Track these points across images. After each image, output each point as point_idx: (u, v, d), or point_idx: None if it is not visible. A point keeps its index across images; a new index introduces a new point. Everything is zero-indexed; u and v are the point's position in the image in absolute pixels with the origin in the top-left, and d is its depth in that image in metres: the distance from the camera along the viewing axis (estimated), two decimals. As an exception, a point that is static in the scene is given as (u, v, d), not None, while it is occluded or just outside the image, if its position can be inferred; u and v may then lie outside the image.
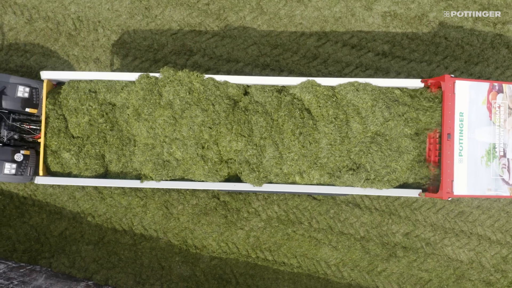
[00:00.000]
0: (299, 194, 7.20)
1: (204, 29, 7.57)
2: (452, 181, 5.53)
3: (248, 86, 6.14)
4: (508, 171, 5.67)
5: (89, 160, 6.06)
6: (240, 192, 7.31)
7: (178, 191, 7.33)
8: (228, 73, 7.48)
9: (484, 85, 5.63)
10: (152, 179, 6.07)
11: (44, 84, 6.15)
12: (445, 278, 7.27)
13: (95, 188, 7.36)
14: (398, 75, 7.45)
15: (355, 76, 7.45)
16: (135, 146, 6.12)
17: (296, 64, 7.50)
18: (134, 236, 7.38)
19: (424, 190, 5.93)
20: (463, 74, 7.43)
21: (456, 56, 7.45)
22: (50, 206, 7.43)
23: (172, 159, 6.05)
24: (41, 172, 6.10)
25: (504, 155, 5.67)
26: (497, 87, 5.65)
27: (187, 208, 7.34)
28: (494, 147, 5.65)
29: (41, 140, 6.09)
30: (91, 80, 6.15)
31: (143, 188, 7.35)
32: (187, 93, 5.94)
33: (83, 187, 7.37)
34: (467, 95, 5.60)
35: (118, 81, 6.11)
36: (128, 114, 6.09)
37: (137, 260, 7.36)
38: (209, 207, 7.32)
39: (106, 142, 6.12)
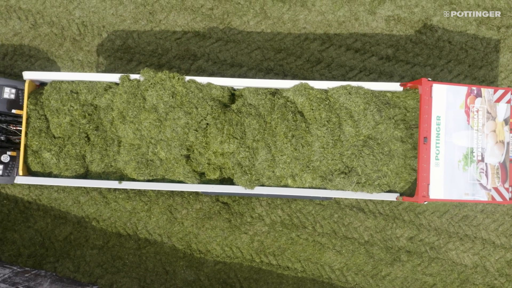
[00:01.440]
0: (292, 199, 7.21)
1: (208, 33, 7.58)
2: (428, 184, 5.50)
3: (233, 88, 6.14)
4: (486, 175, 5.62)
5: (70, 160, 6.11)
6: (240, 196, 7.32)
7: (182, 195, 7.35)
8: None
9: (462, 89, 5.60)
10: (134, 179, 6.10)
11: (26, 85, 6.20)
12: (449, 282, 7.26)
13: (100, 192, 7.38)
14: (402, 79, 7.45)
15: (359, 80, 7.46)
16: (119, 146, 6.15)
17: (299, 68, 7.51)
18: (139, 241, 7.40)
19: (402, 194, 5.91)
20: (467, 78, 7.43)
21: (460, 60, 7.44)
22: (55, 210, 7.45)
23: (156, 158, 6.09)
24: (21, 172, 6.16)
25: (482, 160, 5.62)
26: (475, 91, 5.61)
27: (191, 212, 7.36)
28: (472, 152, 5.60)
29: (22, 140, 6.14)
30: (73, 81, 6.19)
31: (147, 192, 7.37)
32: (171, 97, 5.97)
33: (87, 192, 7.39)
34: (445, 99, 5.56)
35: (99, 82, 6.15)
36: (113, 116, 6.13)
37: (142, 264, 7.38)
38: (213, 211, 7.33)
39: (88, 142, 6.18)
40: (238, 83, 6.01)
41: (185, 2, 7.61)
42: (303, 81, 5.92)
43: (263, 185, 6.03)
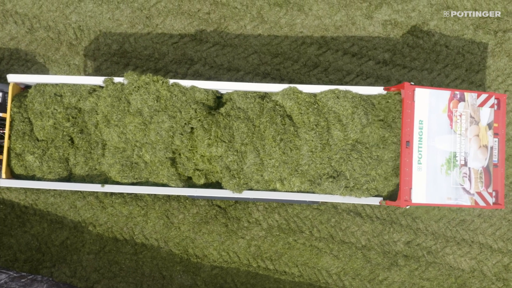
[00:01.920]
0: (281, 203, 7.19)
1: (205, 38, 7.57)
2: (410, 189, 5.48)
3: (218, 91, 6.13)
4: (469, 180, 5.59)
5: (53, 163, 6.10)
6: (236, 201, 7.31)
7: (178, 200, 7.33)
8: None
9: (445, 93, 5.58)
10: (118, 182, 6.09)
11: (10, 87, 6.18)
12: (446, 286, 7.25)
13: (96, 197, 7.36)
14: (398, 83, 7.44)
15: (356, 84, 7.45)
16: (104, 149, 6.14)
17: (296, 72, 7.51)
18: (135, 246, 7.38)
19: (385, 198, 5.89)
20: (464, 82, 7.43)
21: (457, 64, 7.44)
22: (51, 215, 7.43)
23: (141, 161, 6.08)
24: (3, 175, 6.14)
25: (465, 164, 5.59)
26: (458, 96, 5.60)
27: (188, 217, 7.34)
28: (455, 156, 5.57)
29: (5, 143, 6.14)
30: (57, 84, 6.18)
31: (144, 197, 7.35)
32: (155, 101, 5.96)
33: (84, 197, 7.37)
34: (427, 103, 5.54)
35: (84, 85, 6.15)
36: (97, 119, 6.13)
37: (138, 269, 7.36)
38: (210, 216, 7.32)
39: (72, 145, 6.17)
40: (223, 86, 5.99)
41: (182, 6, 7.60)
42: (292, 85, 5.92)
43: (251, 189, 6.02)
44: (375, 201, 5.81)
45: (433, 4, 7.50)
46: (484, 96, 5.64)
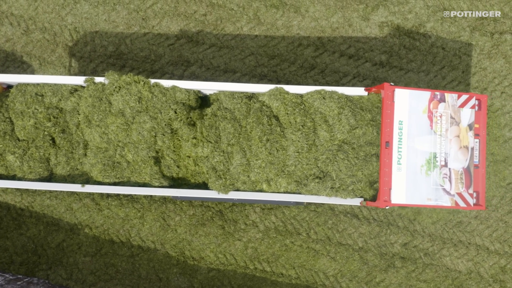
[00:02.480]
0: (266, 204, 7.17)
1: (201, 39, 7.56)
2: (390, 189, 5.46)
3: (200, 91, 6.11)
4: (450, 181, 5.56)
5: (33, 163, 6.08)
6: (233, 203, 7.29)
7: (174, 202, 7.31)
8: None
9: (425, 94, 5.55)
10: (100, 182, 6.06)
11: None
12: (443, 288, 7.26)
13: (92, 199, 7.34)
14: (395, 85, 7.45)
15: (353, 86, 7.45)
16: (86, 149, 6.12)
17: (293, 74, 7.50)
18: (132, 248, 7.36)
19: (371, 199, 5.87)
20: (461, 84, 7.43)
21: (454, 66, 7.45)
22: (47, 217, 7.40)
23: (123, 161, 6.05)
24: None
25: (446, 165, 5.56)
26: (438, 96, 5.57)
27: (184, 219, 7.32)
28: (435, 157, 5.55)
29: None
30: (38, 84, 6.16)
31: (140, 199, 7.32)
32: (137, 102, 5.94)
33: (80, 199, 7.34)
34: (407, 103, 5.53)
35: (65, 85, 6.13)
36: (79, 120, 6.11)
37: (135, 272, 7.34)
38: (206, 218, 7.30)
39: (54, 145, 6.15)
40: (205, 86, 5.96)
41: (178, 8, 7.58)
42: (278, 85, 5.89)
43: (238, 190, 5.98)
44: (356, 201, 5.79)
45: (430, 6, 7.50)
46: (464, 97, 5.62)
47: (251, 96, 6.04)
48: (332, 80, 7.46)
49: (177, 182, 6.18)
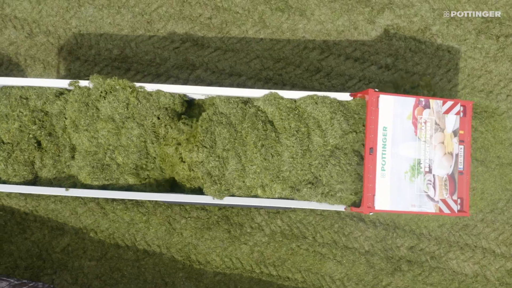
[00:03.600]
0: (259, 208, 7.15)
1: (206, 43, 7.53)
2: (374, 195, 5.44)
3: (185, 95, 6.08)
4: (434, 187, 5.54)
5: (18, 166, 6.05)
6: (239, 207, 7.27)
7: (180, 206, 7.28)
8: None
9: (409, 100, 5.53)
10: (88, 185, 6.01)
11: None
12: (450, 291, 7.26)
13: (98, 203, 7.30)
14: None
15: (359, 89, 7.44)
16: (73, 152, 6.10)
17: (299, 77, 7.48)
18: (137, 252, 7.33)
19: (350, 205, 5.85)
20: (466, 87, 7.43)
21: (459, 69, 7.44)
22: (52, 222, 7.37)
23: (113, 163, 6.03)
24: None
25: (430, 171, 5.54)
26: (423, 103, 5.55)
27: (190, 222, 7.29)
28: (419, 163, 5.52)
29: None
30: (22, 87, 6.14)
31: (145, 203, 7.29)
32: (125, 109, 5.93)
33: (85, 203, 7.31)
34: (392, 109, 5.51)
35: (49, 88, 6.10)
36: (65, 124, 6.09)
37: (140, 276, 7.30)
38: (212, 222, 7.28)
39: (38, 148, 6.13)
40: (192, 90, 5.92)
41: (183, 11, 7.55)
42: (273, 91, 5.86)
43: (233, 195, 5.94)
44: (341, 207, 5.78)
45: (435, 9, 7.50)
46: (449, 103, 5.60)
47: (246, 101, 6.01)
48: (338, 83, 7.45)
49: (171, 187, 6.16)
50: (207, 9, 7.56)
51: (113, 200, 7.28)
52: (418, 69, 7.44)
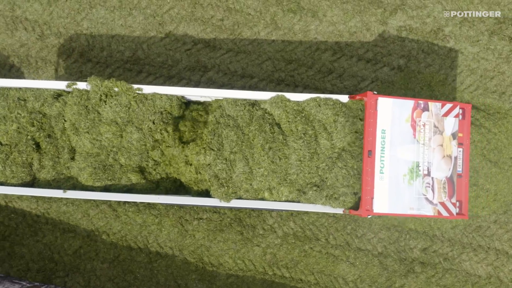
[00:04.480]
0: (268, 211, 7.13)
1: (218, 44, 7.51)
2: (372, 198, 5.42)
3: (183, 97, 6.06)
4: (432, 190, 5.52)
5: (16, 168, 6.04)
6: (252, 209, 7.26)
7: (192, 207, 7.27)
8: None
9: (408, 103, 5.52)
10: (88, 186, 5.99)
11: None
12: (463, 293, 7.25)
13: (110, 206, 7.29)
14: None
15: (371, 90, 7.42)
16: (73, 153, 6.09)
17: (311, 79, 7.46)
18: (150, 254, 7.31)
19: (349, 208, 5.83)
20: (479, 88, 7.41)
21: (472, 70, 7.43)
22: (64, 224, 7.35)
23: (116, 163, 6.02)
24: None
25: (428, 174, 5.52)
26: (422, 105, 5.54)
27: (202, 224, 7.28)
28: (418, 166, 5.50)
29: None
30: (20, 88, 6.12)
31: (157, 205, 7.28)
32: (127, 113, 5.94)
33: (97, 205, 7.30)
34: (390, 112, 5.49)
35: (47, 89, 6.09)
36: (64, 126, 6.08)
37: (153, 278, 7.29)
38: (224, 224, 7.26)
39: (37, 150, 6.11)
40: (189, 92, 5.90)
41: (195, 13, 7.53)
42: (279, 93, 5.82)
43: (240, 198, 5.91)
44: (339, 210, 5.75)
45: (448, 10, 7.48)
46: (448, 106, 5.58)
47: (253, 103, 5.97)
48: (350, 84, 7.43)
49: (178, 189, 6.15)
50: (219, 11, 7.54)
51: (125, 202, 7.27)
52: (430, 70, 7.43)
